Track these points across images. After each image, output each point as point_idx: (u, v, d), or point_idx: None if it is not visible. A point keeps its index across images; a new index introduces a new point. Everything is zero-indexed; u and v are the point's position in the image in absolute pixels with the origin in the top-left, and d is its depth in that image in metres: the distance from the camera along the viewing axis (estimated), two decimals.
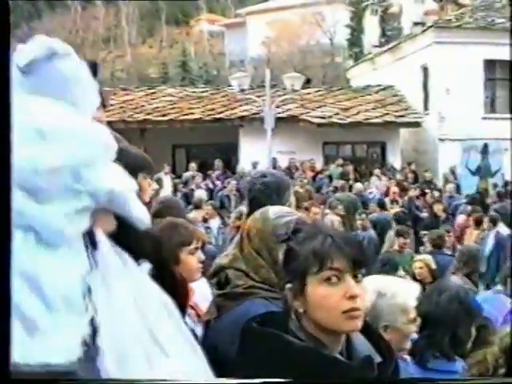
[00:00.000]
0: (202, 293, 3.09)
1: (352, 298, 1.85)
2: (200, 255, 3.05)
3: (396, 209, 14.36)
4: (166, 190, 16.41)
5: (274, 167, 18.59)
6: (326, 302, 1.85)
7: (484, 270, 9.40)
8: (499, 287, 6.09)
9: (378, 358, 1.93)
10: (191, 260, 2.95)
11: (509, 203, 16.93)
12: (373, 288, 2.73)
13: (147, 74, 50.35)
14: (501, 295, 5.87)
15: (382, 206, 15.17)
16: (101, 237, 1.89)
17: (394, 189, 15.85)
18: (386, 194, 17.82)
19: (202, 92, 25.17)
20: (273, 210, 2.56)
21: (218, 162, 20.58)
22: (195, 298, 3.04)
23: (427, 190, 18.09)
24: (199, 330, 2.82)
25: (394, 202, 15.19)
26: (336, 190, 17.34)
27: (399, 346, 2.77)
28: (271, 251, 2.45)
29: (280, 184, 3.45)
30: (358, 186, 17.86)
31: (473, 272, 7.17)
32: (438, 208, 15.05)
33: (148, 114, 22.25)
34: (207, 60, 54.51)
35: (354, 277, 1.88)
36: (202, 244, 3.26)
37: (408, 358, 3.00)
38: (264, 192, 3.35)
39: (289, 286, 1.90)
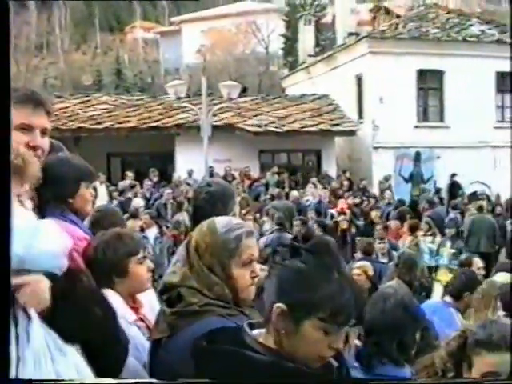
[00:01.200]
0: (149, 301, 3.04)
1: (336, 349, 1.87)
2: (149, 264, 3.00)
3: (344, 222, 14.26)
4: (102, 199, 16.20)
5: (211, 175, 18.56)
6: (314, 347, 1.84)
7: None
8: (448, 299, 6.06)
9: (334, 363, 1.94)
10: (140, 270, 2.90)
11: (441, 209, 17.37)
12: None
13: (81, 82, 49.67)
14: (451, 309, 5.87)
15: (318, 213, 15.30)
16: (32, 314, 1.97)
17: (342, 203, 15.58)
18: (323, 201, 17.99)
19: (138, 100, 24.93)
20: (220, 223, 2.47)
21: (153, 171, 20.39)
22: (144, 310, 2.98)
23: (364, 198, 18.33)
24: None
25: (341, 213, 14.98)
26: (273, 197, 17.41)
27: (351, 349, 2.79)
28: (224, 267, 2.38)
29: (225, 193, 3.44)
30: (294, 193, 17.99)
31: (414, 279, 7.21)
32: (375, 215, 15.21)
33: (83, 121, 21.90)
34: (142, 67, 54.14)
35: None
36: None
37: (356, 364, 3.03)
38: (209, 201, 3.34)
39: (284, 308, 1.86)
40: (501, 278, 6.50)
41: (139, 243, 3.02)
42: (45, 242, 2.06)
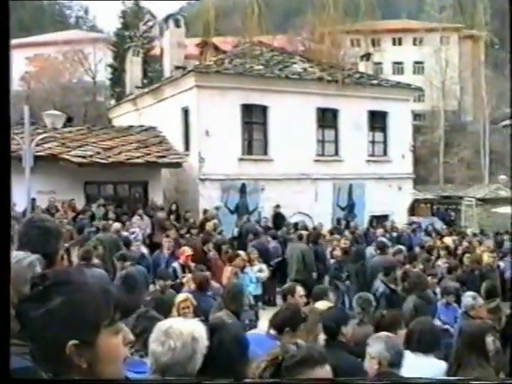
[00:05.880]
0: None
1: (129, 343, 1.92)
2: None
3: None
4: None
5: (33, 208, 17.96)
6: (117, 352, 1.87)
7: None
8: (273, 332, 6.24)
9: None
10: None
11: (266, 238, 17.88)
12: (187, 333, 2.82)
13: None
14: (276, 341, 6.05)
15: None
16: None
17: (188, 251, 14.70)
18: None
19: None
20: None
21: None
22: None
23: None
24: None
25: (186, 267, 13.64)
26: (98, 230, 17.05)
27: None
28: (21, 296, 2.32)
29: (58, 230, 3.50)
30: (116, 225, 17.37)
31: (240, 308, 7.44)
32: (207, 247, 15.23)
33: None
34: None
35: None
36: None
37: None
38: (43, 236, 3.32)
39: (74, 342, 1.79)
40: (321, 305, 6.88)
41: None
42: None
